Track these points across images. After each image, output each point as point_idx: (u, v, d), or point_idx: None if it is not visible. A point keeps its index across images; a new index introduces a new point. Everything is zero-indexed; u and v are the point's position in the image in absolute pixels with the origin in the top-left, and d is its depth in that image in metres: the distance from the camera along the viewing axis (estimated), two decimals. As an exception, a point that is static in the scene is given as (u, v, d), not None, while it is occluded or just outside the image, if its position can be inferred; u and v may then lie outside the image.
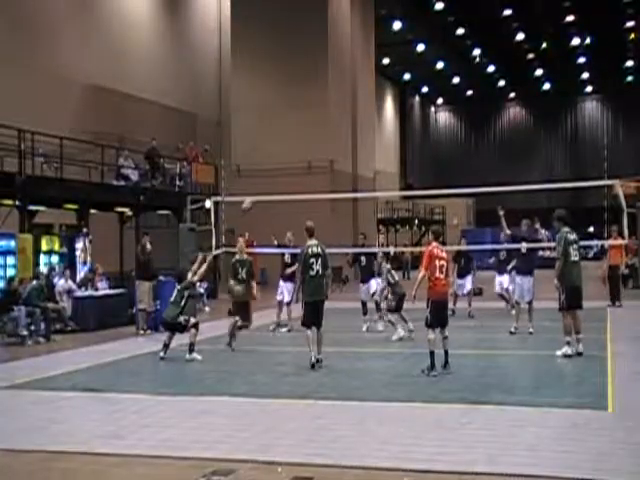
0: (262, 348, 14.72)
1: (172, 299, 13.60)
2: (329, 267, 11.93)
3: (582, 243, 16.17)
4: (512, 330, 15.60)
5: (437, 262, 11.05)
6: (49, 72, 27.12)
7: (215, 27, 41.01)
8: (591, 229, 54.25)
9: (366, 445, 7.38)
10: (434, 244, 11.49)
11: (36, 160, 20.62)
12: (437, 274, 11.03)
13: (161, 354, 13.25)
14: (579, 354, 12.27)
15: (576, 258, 12.45)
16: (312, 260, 11.69)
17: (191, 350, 13.16)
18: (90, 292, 19.05)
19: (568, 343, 12.31)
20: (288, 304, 17.12)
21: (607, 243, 22.40)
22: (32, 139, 20.14)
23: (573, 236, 12.57)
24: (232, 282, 14.29)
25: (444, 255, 11.23)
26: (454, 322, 17.74)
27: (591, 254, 53.83)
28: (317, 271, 11.70)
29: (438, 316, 11.06)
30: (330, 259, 12.19)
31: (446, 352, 11.20)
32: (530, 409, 8.73)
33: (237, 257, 14.49)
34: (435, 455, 6.98)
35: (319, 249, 11.81)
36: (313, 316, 11.77)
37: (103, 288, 19.56)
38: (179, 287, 13.69)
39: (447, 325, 11.33)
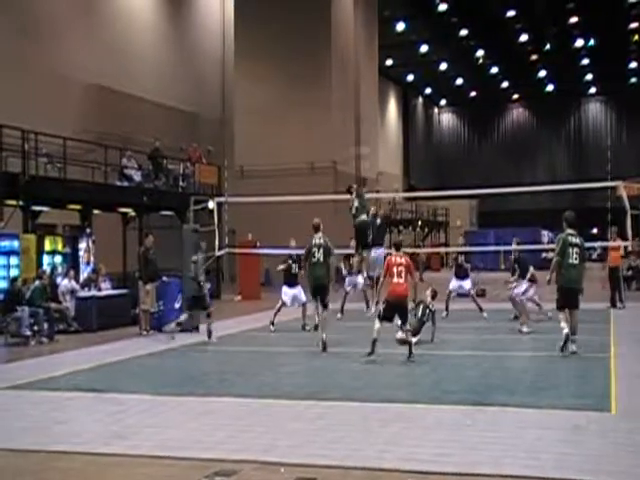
0: (265, 349, 14.72)
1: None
2: (332, 254, 14.18)
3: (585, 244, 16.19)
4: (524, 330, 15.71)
5: (395, 269, 12.54)
6: (52, 72, 27.14)
7: (218, 27, 41.02)
8: (594, 230, 54.18)
9: (369, 446, 7.37)
10: (394, 253, 12.99)
11: (39, 160, 20.62)
12: (395, 279, 12.52)
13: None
14: (572, 353, 12.38)
15: (575, 261, 12.44)
16: (314, 249, 13.99)
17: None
18: (93, 292, 19.07)
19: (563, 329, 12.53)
20: (304, 304, 17.36)
21: (607, 244, 22.33)
22: (35, 139, 20.15)
23: (575, 239, 12.58)
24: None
25: (402, 261, 12.67)
26: (462, 323, 17.80)
27: (595, 255, 53.82)
28: (318, 259, 13.96)
29: (389, 312, 12.49)
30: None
31: (410, 344, 12.44)
32: (533, 410, 8.73)
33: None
34: (438, 456, 6.98)
35: (321, 240, 14.03)
36: (313, 293, 14.21)
37: (106, 288, 19.58)
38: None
39: (407, 321, 12.69)
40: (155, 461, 7.12)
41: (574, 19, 52.25)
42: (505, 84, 70.37)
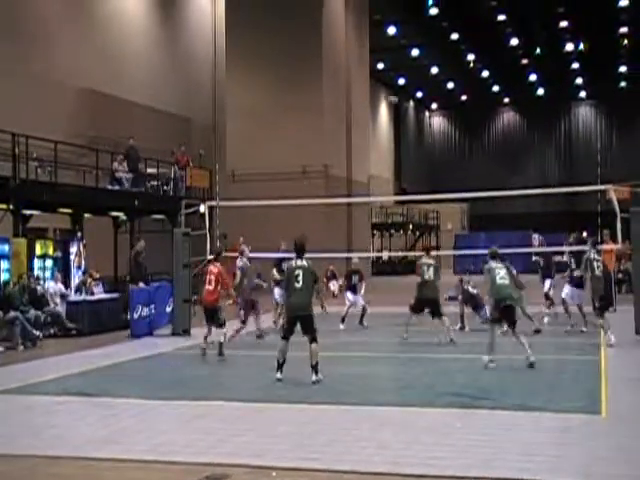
0: (256, 353, 14.70)
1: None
2: (318, 281, 11.94)
3: (576, 248, 16.44)
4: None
5: (207, 276, 14.15)
6: (44, 76, 27.06)
7: (210, 32, 41.02)
8: (584, 234, 54.39)
9: (361, 450, 7.38)
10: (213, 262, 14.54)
11: (30, 164, 20.55)
12: (206, 286, 14.07)
13: None
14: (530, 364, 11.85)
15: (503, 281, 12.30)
16: (297, 272, 11.27)
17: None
18: (84, 297, 19.00)
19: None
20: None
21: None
22: (26, 143, 20.08)
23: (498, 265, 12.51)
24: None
25: (215, 270, 14.16)
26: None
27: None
28: (301, 285, 11.29)
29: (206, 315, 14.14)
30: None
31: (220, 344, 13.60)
32: (524, 413, 8.75)
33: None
34: (430, 459, 6.99)
35: (304, 262, 11.34)
36: (291, 325, 11.61)
37: (99, 292, 19.51)
38: None
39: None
40: (146, 465, 7.11)
41: (564, 23, 52.40)
42: (496, 88, 70.51)
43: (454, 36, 54.21)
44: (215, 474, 6.74)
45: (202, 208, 19.97)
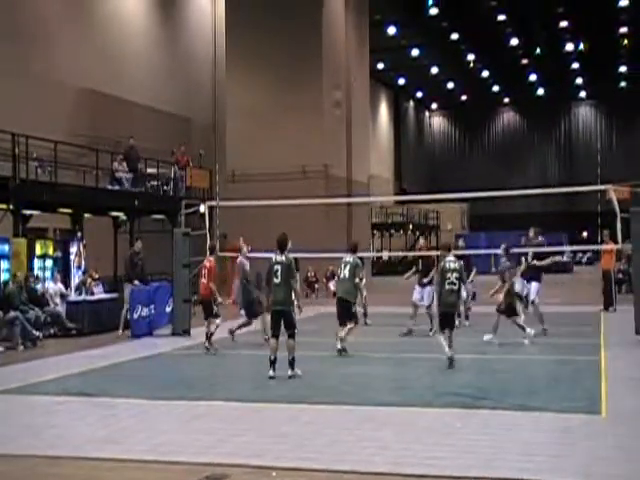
0: (256, 352, 14.70)
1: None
2: (294, 277, 11.88)
3: (576, 248, 16.40)
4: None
5: (203, 270, 14.85)
6: (44, 76, 27.05)
7: (210, 32, 41.03)
8: (585, 234, 54.42)
9: (361, 450, 7.38)
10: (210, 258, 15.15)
11: (30, 164, 20.54)
12: (201, 279, 14.76)
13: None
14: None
15: (454, 286, 12.31)
16: (276, 268, 11.60)
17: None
18: (84, 297, 19.00)
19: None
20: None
21: (599, 248, 22.40)
22: (26, 143, 20.07)
23: (454, 265, 12.40)
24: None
25: (207, 264, 14.91)
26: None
27: (584, 259, 53.95)
28: (279, 280, 11.59)
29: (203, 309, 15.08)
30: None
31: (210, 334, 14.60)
32: (524, 413, 8.75)
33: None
34: (430, 460, 6.99)
35: (283, 258, 11.63)
36: (274, 322, 11.82)
37: (99, 292, 19.50)
38: None
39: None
40: (146, 465, 7.11)
41: (564, 23, 52.48)
42: (496, 88, 70.61)
43: (454, 36, 54.30)
44: (215, 474, 6.73)
45: (202, 208, 19.95)
